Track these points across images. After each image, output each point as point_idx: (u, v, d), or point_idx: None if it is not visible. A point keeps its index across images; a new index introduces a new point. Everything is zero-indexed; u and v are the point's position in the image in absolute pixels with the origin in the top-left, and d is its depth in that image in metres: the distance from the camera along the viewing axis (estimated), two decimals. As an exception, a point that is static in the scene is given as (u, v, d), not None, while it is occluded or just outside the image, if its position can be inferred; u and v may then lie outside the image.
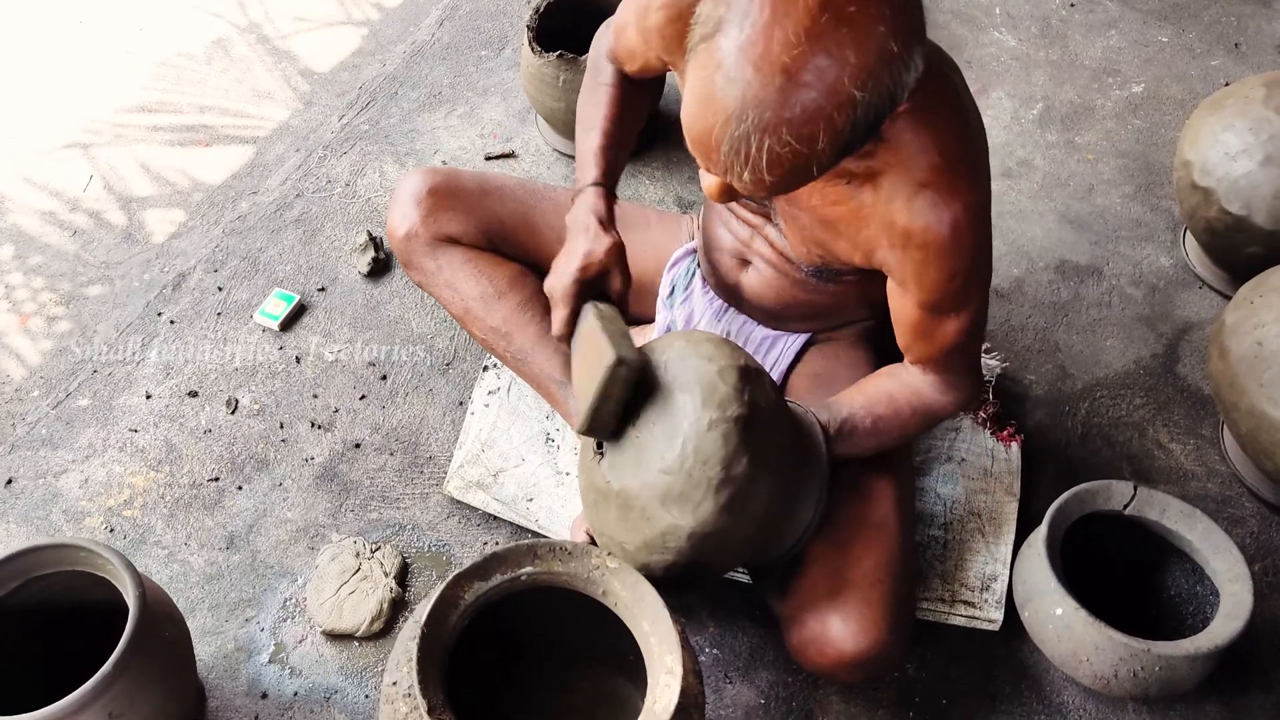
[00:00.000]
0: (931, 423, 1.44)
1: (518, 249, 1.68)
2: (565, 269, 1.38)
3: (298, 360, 1.93)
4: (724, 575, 1.60)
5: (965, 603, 1.62)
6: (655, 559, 1.27)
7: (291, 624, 1.62)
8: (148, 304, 2.01)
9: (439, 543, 1.71)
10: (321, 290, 2.04)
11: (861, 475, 1.45)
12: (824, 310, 1.53)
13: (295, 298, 2.00)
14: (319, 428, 1.84)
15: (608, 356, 1.24)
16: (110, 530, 1.70)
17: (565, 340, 1.39)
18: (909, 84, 0.99)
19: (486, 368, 1.88)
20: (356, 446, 1.82)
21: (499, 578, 1.25)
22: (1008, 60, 2.58)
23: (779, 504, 1.29)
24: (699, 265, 1.66)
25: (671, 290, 1.67)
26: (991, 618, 1.61)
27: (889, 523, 1.43)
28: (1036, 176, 2.31)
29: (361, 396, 1.88)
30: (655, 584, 1.25)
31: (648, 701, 1.18)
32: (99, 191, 2.23)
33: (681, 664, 1.18)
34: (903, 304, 1.33)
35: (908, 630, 1.42)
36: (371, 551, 1.66)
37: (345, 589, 1.61)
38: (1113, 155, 2.37)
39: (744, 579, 1.65)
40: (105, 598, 1.33)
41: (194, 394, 1.87)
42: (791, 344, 1.59)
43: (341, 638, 1.60)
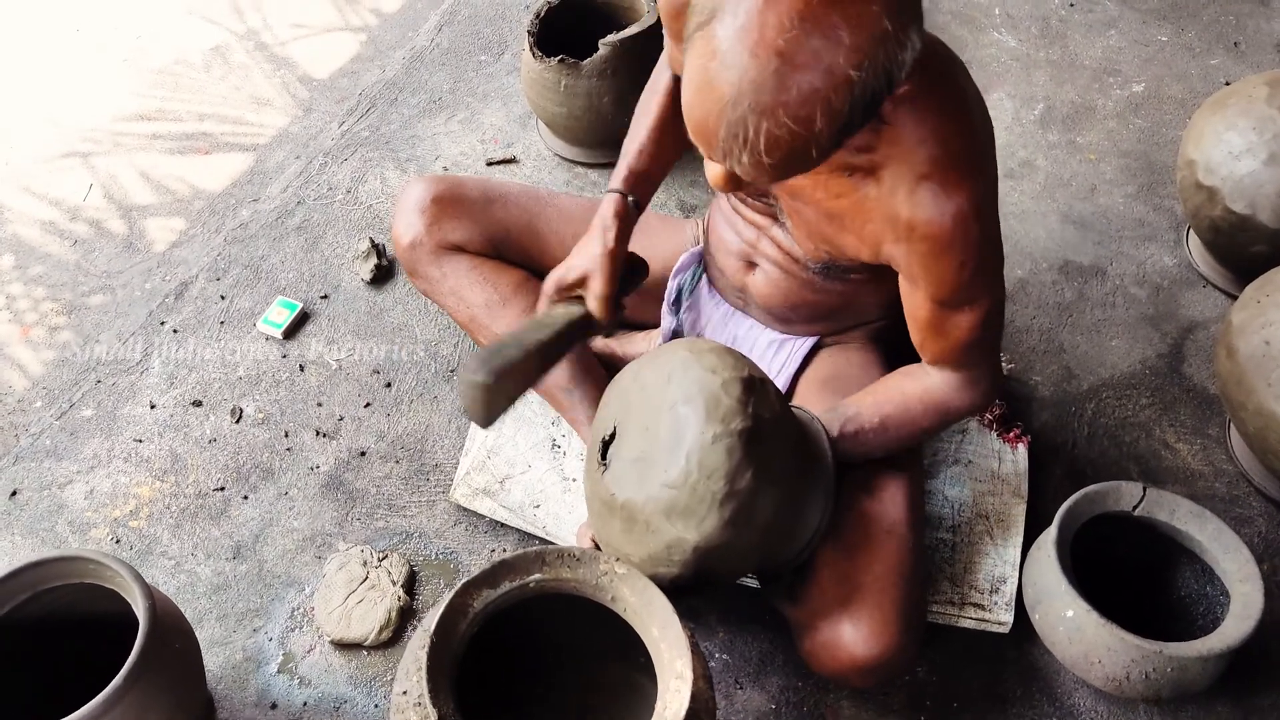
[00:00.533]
0: (949, 421, 1.44)
1: (522, 255, 1.68)
2: (548, 281, 1.44)
3: (301, 368, 1.92)
4: (732, 582, 1.59)
5: (975, 605, 1.62)
6: (661, 571, 1.27)
7: (299, 634, 1.61)
8: (150, 313, 2.00)
9: (446, 550, 1.70)
10: (324, 298, 2.03)
11: (871, 479, 1.44)
12: (832, 310, 1.53)
13: (298, 306, 1.99)
14: (324, 436, 1.83)
15: (475, 373, 1.22)
16: (116, 541, 1.69)
17: None
18: (906, 63, 0.98)
19: (491, 374, 1.88)
20: (362, 454, 1.81)
21: (508, 585, 1.25)
22: (1008, 61, 2.57)
23: (785, 513, 1.29)
24: (705, 269, 1.65)
25: (677, 295, 1.67)
26: (1001, 620, 1.61)
27: (899, 526, 1.42)
28: (1039, 177, 2.31)
29: (366, 404, 1.87)
30: (662, 589, 1.24)
31: (658, 707, 1.17)
32: (99, 200, 2.23)
33: (692, 669, 1.17)
34: (914, 299, 1.32)
35: (919, 634, 1.41)
36: (379, 560, 1.65)
37: (353, 598, 1.60)
38: (1114, 155, 2.37)
39: (753, 584, 1.64)
40: (114, 610, 1.32)
41: (198, 403, 1.87)
42: (799, 347, 1.59)
43: (350, 647, 1.59)
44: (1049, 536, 1.54)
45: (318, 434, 1.83)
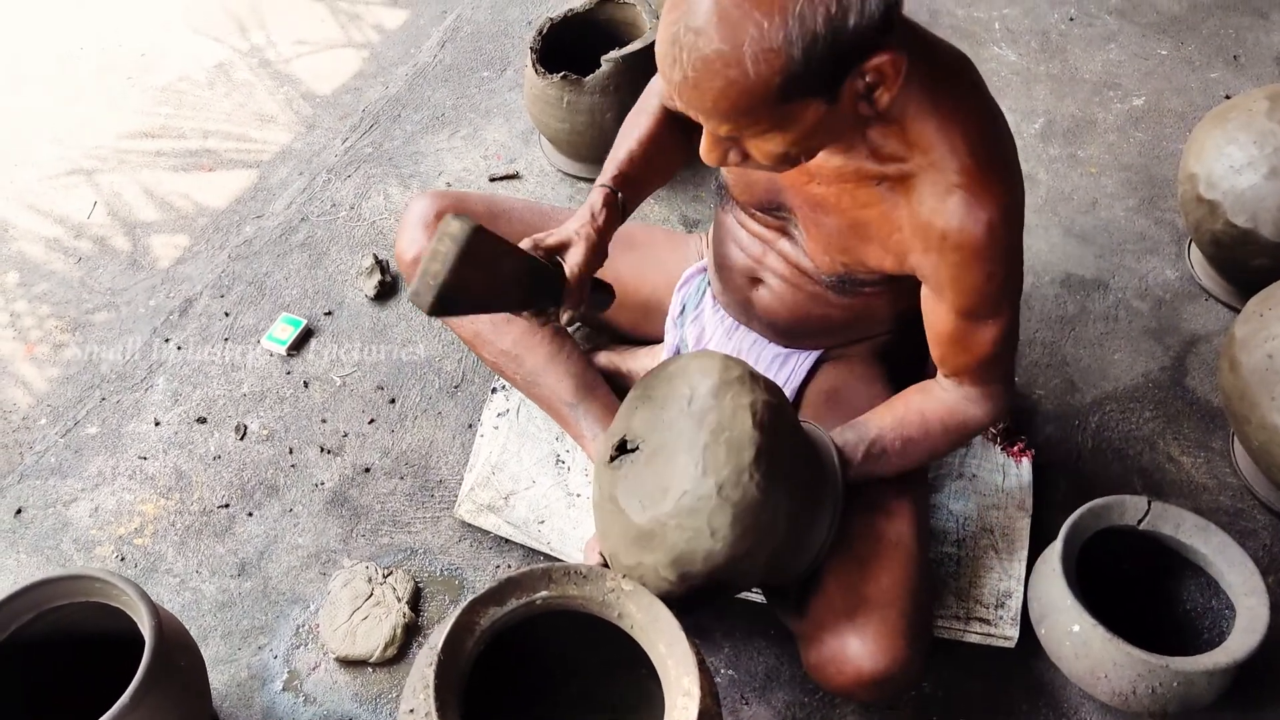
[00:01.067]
0: (965, 439, 1.44)
1: None
2: (536, 235, 1.36)
3: (306, 385, 1.93)
4: (738, 595, 1.59)
5: (980, 620, 1.62)
6: (669, 583, 1.27)
7: (304, 651, 1.61)
8: (154, 330, 2.01)
9: (451, 567, 1.70)
10: (328, 314, 2.04)
11: (877, 494, 1.44)
12: (839, 325, 1.53)
13: (302, 322, 1.99)
14: (328, 452, 1.83)
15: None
16: (121, 559, 1.69)
17: None
18: (872, 12, 1.00)
19: (495, 390, 1.88)
20: (366, 471, 1.81)
21: (514, 602, 1.25)
22: (1008, 75, 2.58)
23: (794, 528, 1.29)
24: (709, 283, 1.66)
25: (682, 309, 1.67)
26: (1007, 635, 1.61)
27: (905, 541, 1.42)
28: (1040, 191, 2.32)
29: (370, 420, 1.88)
30: (669, 604, 1.25)
31: (665, 724, 1.17)
32: (103, 218, 2.23)
33: (699, 686, 1.17)
34: (939, 313, 1.33)
35: (925, 648, 1.41)
36: (384, 577, 1.65)
37: (358, 615, 1.60)
38: (1115, 168, 2.37)
39: (758, 599, 1.64)
40: (119, 628, 1.32)
41: (203, 420, 1.87)
42: (803, 361, 1.59)
43: (355, 664, 1.59)
44: (1054, 551, 1.54)
45: (322, 450, 1.83)
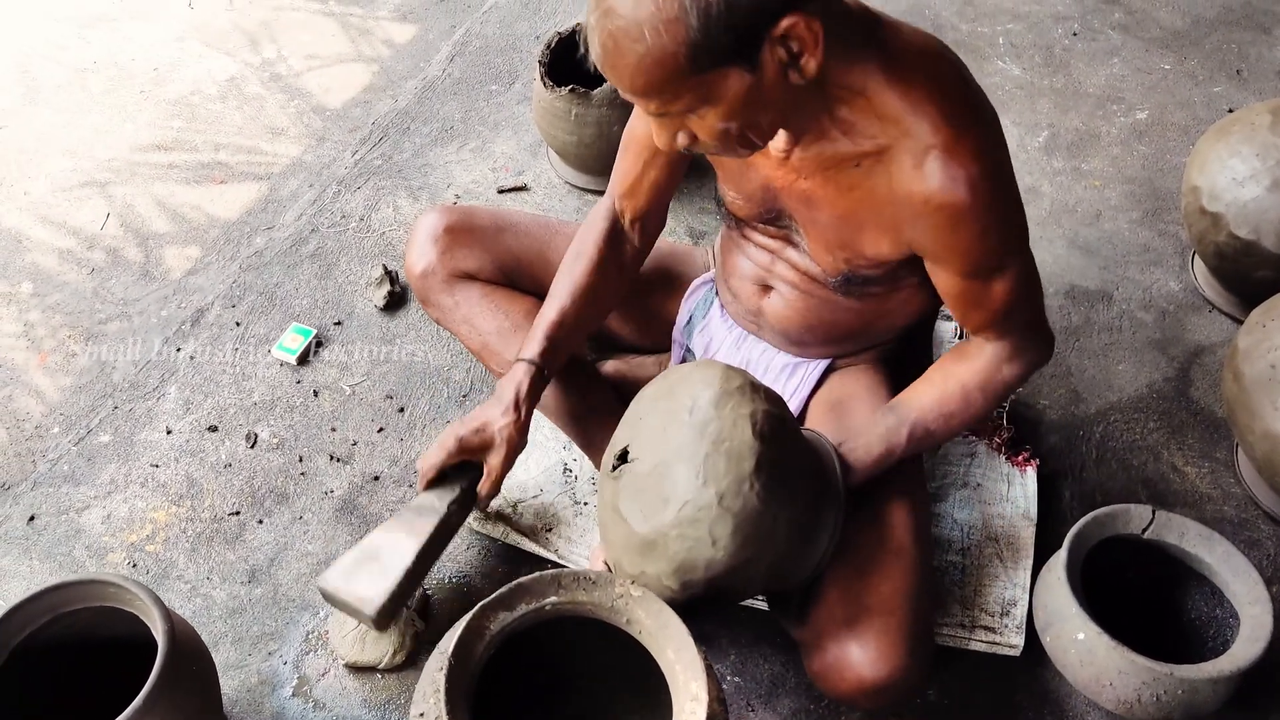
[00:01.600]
0: (1007, 396, 1.45)
1: (533, 283, 1.70)
2: (448, 434, 1.51)
3: (315, 394, 1.94)
4: (742, 603, 1.60)
5: (985, 628, 1.63)
6: (672, 591, 1.28)
7: (314, 657, 1.62)
8: (166, 340, 2.03)
9: (459, 574, 1.71)
10: (338, 324, 2.05)
11: (878, 501, 1.45)
12: (848, 332, 1.54)
13: (312, 332, 2.01)
14: (338, 461, 1.85)
15: (367, 604, 1.43)
16: (133, 565, 1.70)
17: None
18: None
19: (503, 399, 1.90)
20: (375, 479, 1.83)
21: (524, 608, 1.26)
22: (1012, 89, 2.61)
23: (796, 537, 1.30)
24: (716, 294, 1.67)
25: (689, 319, 1.68)
26: (1012, 643, 1.61)
27: (906, 548, 1.43)
28: (1044, 203, 2.33)
29: (380, 429, 1.89)
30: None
31: (673, 729, 1.18)
32: (116, 229, 2.26)
33: (707, 691, 1.18)
34: (945, 279, 1.33)
35: (927, 656, 1.41)
36: (393, 584, 1.66)
37: (367, 621, 1.61)
38: (1119, 181, 2.39)
39: (763, 606, 1.65)
40: (132, 633, 1.33)
41: (214, 428, 1.89)
42: (812, 371, 1.60)
43: (364, 670, 1.60)
44: (1059, 559, 1.55)
45: (332, 459, 1.85)
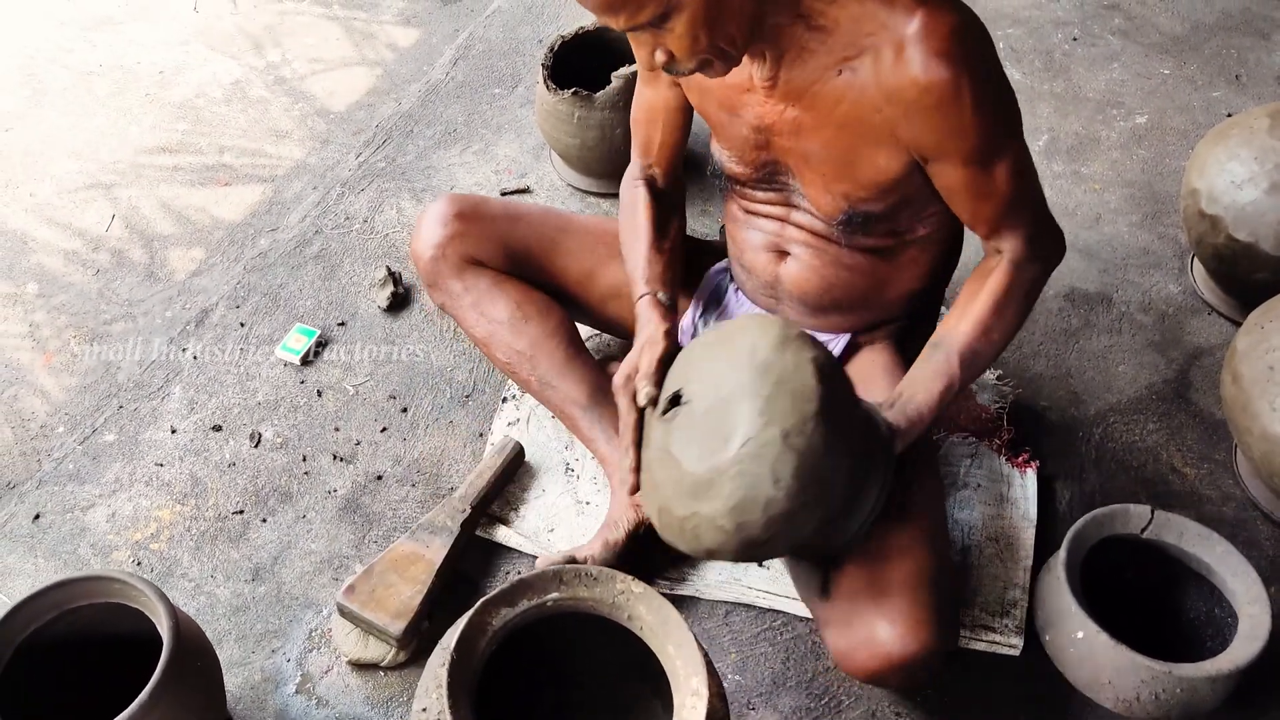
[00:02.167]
0: (1033, 298, 1.46)
1: (541, 274, 1.70)
2: (622, 369, 1.49)
3: (319, 394, 1.95)
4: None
5: (985, 628, 1.63)
6: (724, 534, 1.26)
7: (317, 654, 1.63)
8: (171, 340, 2.04)
9: (462, 572, 1.72)
10: (342, 325, 2.07)
11: (898, 484, 1.45)
12: (862, 295, 1.55)
13: (316, 332, 2.02)
14: (341, 460, 1.86)
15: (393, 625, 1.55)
16: (137, 564, 1.71)
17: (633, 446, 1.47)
18: None
19: (506, 399, 1.91)
20: (378, 478, 1.84)
21: (525, 604, 1.26)
22: (1013, 93, 2.61)
23: (849, 488, 1.30)
24: (731, 278, 1.68)
25: (702, 309, 1.69)
26: (1012, 643, 1.62)
27: (929, 526, 1.44)
28: (1044, 206, 2.34)
29: (383, 429, 1.90)
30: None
31: (674, 724, 1.19)
32: (121, 231, 2.27)
33: (707, 686, 1.19)
34: (950, 174, 1.34)
35: (953, 634, 1.42)
36: (396, 582, 1.67)
37: (370, 619, 1.62)
38: (1119, 185, 2.40)
39: (765, 604, 1.66)
40: (137, 629, 1.34)
41: (218, 428, 1.90)
42: (834, 346, 1.61)
43: (367, 668, 1.61)
44: (1058, 559, 1.56)
45: (335, 458, 1.86)
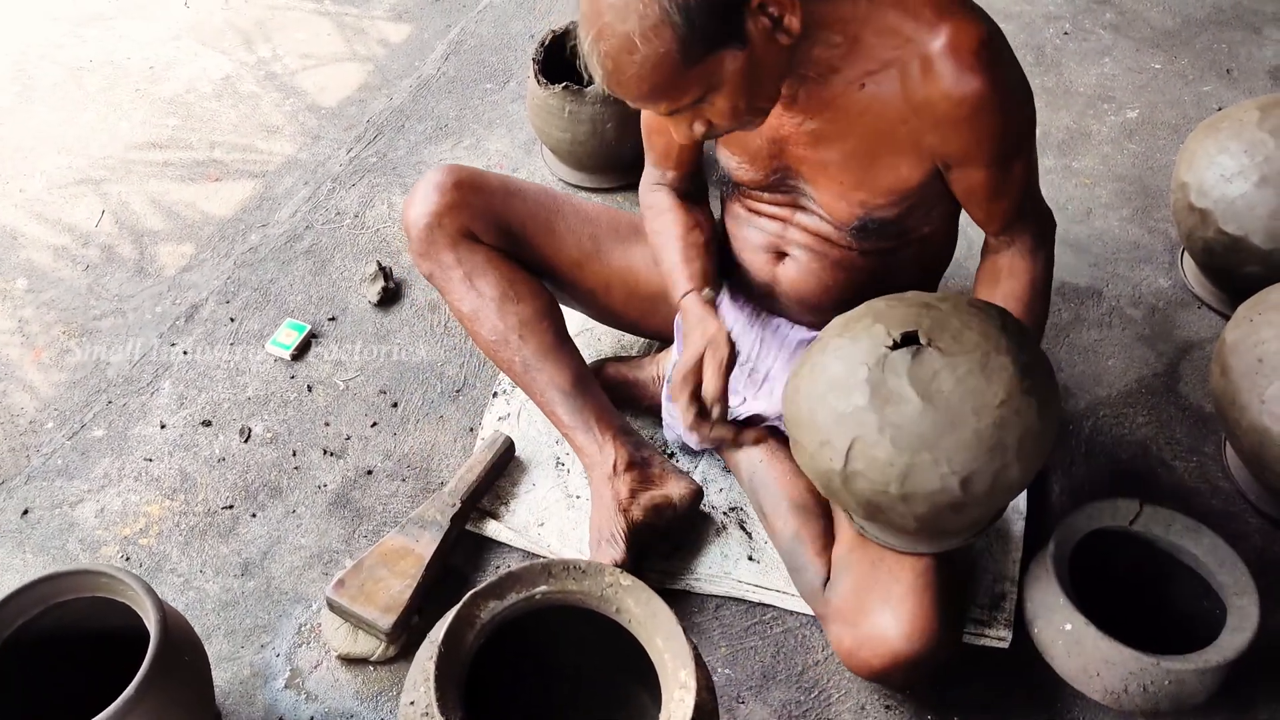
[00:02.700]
0: (1050, 284, 1.50)
1: (535, 252, 1.68)
2: (677, 370, 1.50)
3: (309, 389, 1.95)
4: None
5: (975, 621, 1.63)
6: (935, 491, 1.24)
7: (307, 649, 1.63)
8: (161, 335, 2.04)
9: (451, 566, 1.72)
10: (332, 320, 2.06)
11: None
12: (860, 292, 1.53)
13: (306, 327, 2.02)
14: (331, 455, 1.86)
15: (382, 619, 1.56)
16: (126, 559, 1.71)
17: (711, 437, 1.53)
18: None
19: (496, 394, 1.91)
20: (369, 473, 1.83)
21: (514, 596, 1.26)
22: (1004, 88, 2.61)
23: (1038, 464, 1.31)
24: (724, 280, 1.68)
25: None
26: (1001, 635, 1.62)
27: None
28: (1035, 201, 2.34)
29: (373, 424, 1.90)
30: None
31: (662, 717, 1.19)
32: (111, 227, 2.27)
33: (695, 679, 1.19)
34: (971, 178, 1.36)
35: (958, 631, 1.42)
36: (385, 576, 1.67)
37: (360, 613, 1.62)
38: (1109, 179, 2.40)
39: (754, 598, 1.66)
40: (125, 624, 1.34)
41: (207, 423, 1.89)
42: None
43: (356, 662, 1.61)
44: (1047, 552, 1.56)
45: (325, 453, 1.86)
